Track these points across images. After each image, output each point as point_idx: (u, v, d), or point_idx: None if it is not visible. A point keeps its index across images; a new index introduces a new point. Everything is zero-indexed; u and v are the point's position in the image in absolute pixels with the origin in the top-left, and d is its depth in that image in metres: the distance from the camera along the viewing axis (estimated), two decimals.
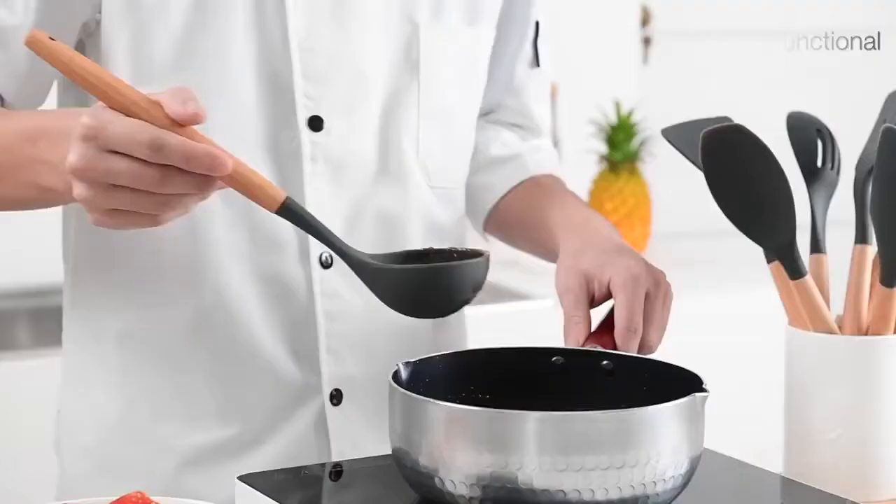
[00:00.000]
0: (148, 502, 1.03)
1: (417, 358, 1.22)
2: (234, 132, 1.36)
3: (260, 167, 1.37)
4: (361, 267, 1.21)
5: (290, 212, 1.18)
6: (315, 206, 1.39)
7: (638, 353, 1.29)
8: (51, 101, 1.45)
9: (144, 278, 1.40)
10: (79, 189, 1.13)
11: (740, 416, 2.55)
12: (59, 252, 1.48)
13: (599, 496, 1.07)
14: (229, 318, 1.39)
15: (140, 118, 1.11)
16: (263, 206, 1.18)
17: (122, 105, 1.12)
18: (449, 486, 1.10)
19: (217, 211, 1.37)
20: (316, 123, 1.39)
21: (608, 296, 1.32)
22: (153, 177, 1.10)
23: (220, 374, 1.40)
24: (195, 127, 1.13)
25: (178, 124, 1.12)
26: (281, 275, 1.40)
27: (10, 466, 2.21)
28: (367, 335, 1.43)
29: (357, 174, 1.41)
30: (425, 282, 1.21)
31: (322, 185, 1.40)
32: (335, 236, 1.22)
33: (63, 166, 1.13)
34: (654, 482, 1.09)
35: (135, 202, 1.12)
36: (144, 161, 1.10)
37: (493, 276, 2.94)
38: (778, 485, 1.23)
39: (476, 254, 1.24)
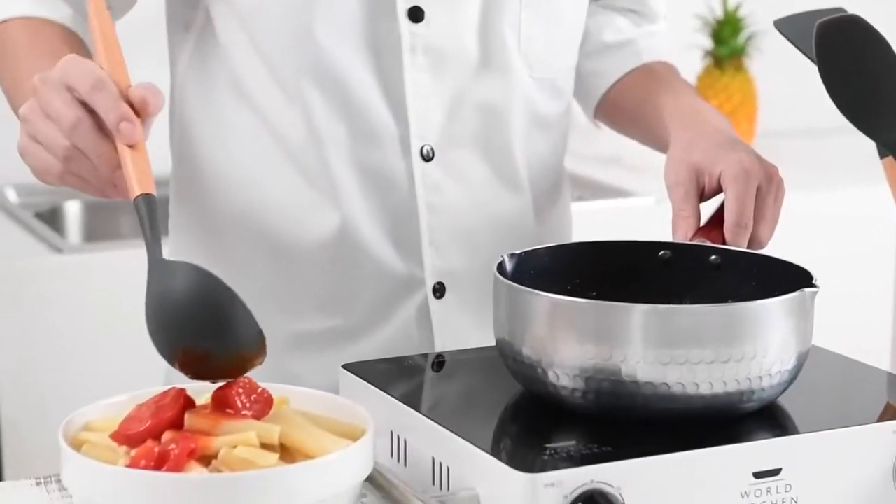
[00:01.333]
0: (255, 387, 1.04)
1: (523, 250, 1.21)
2: (334, 24, 1.35)
3: (359, 59, 1.37)
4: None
5: (137, 212, 1.07)
6: (415, 97, 1.38)
7: (747, 248, 1.27)
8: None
9: (249, 167, 1.41)
10: (24, 109, 1.13)
11: (848, 315, 2.52)
12: (166, 141, 1.49)
13: (704, 390, 1.07)
14: (333, 210, 1.39)
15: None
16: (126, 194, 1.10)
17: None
18: (552, 378, 1.10)
19: (317, 102, 1.37)
20: (416, 14, 1.37)
21: (718, 190, 1.31)
22: (71, 118, 1.09)
23: (325, 264, 1.41)
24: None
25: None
26: (382, 167, 1.40)
27: (117, 354, 2.25)
28: (470, 228, 1.43)
29: (458, 66, 1.40)
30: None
31: (422, 76, 1.39)
32: (158, 246, 1.06)
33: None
34: (760, 377, 1.08)
35: (47, 135, 1.11)
36: (78, 104, 1.10)
37: (596, 172, 2.95)
38: (885, 382, 1.22)
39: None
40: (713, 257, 1.24)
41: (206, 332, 1.04)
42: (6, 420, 2.24)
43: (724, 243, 1.27)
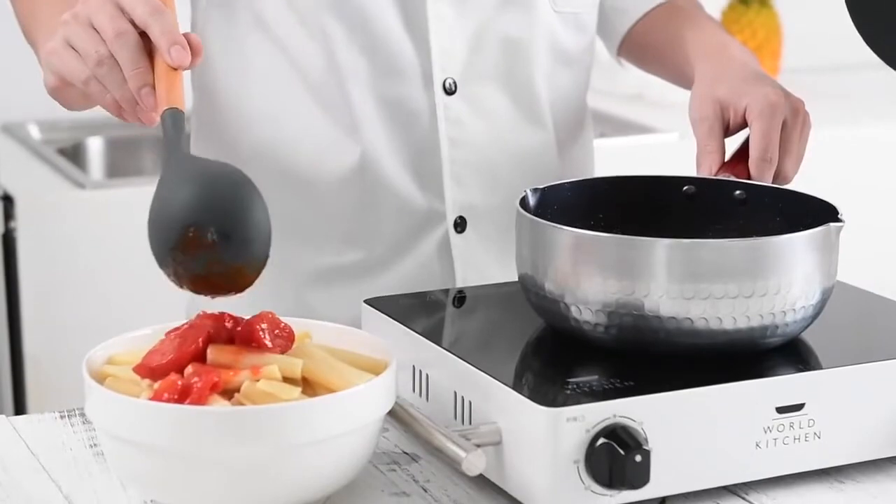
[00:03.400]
0: (278, 322, 1.04)
1: (546, 185, 1.21)
2: None
3: None
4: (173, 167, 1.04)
5: (163, 122, 1.08)
6: (438, 30, 1.37)
7: (773, 183, 1.27)
8: None
9: (270, 101, 1.40)
10: (66, 15, 1.12)
11: (873, 250, 2.52)
12: (187, 76, 1.48)
13: (727, 324, 1.06)
14: (354, 143, 1.39)
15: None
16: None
17: None
18: (574, 312, 1.09)
19: (339, 35, 1.36)
20: None
21: (743, 125, 1.30)
22: (117, 28, 1.08)
23: (346, 199, 1.40)
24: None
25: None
26: (404, 100, 1.39)
27: (139, 288, 2.26)
28: (492, 162, 1.42)
29: None
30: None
31: (444, 9, 1.38)
32: (181, 146, 1.06)
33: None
34: (784, 312, 1.08)
35: (86, 40, 1.10)
36: (126, 20, 1.09)
37: (619, 109, 2.94)
38: None
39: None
40: (738, 192, 1.23)
41: (220, 215, 1.01)
42: (29, 354, 2.25)
43: (748, 178, 1.26)
